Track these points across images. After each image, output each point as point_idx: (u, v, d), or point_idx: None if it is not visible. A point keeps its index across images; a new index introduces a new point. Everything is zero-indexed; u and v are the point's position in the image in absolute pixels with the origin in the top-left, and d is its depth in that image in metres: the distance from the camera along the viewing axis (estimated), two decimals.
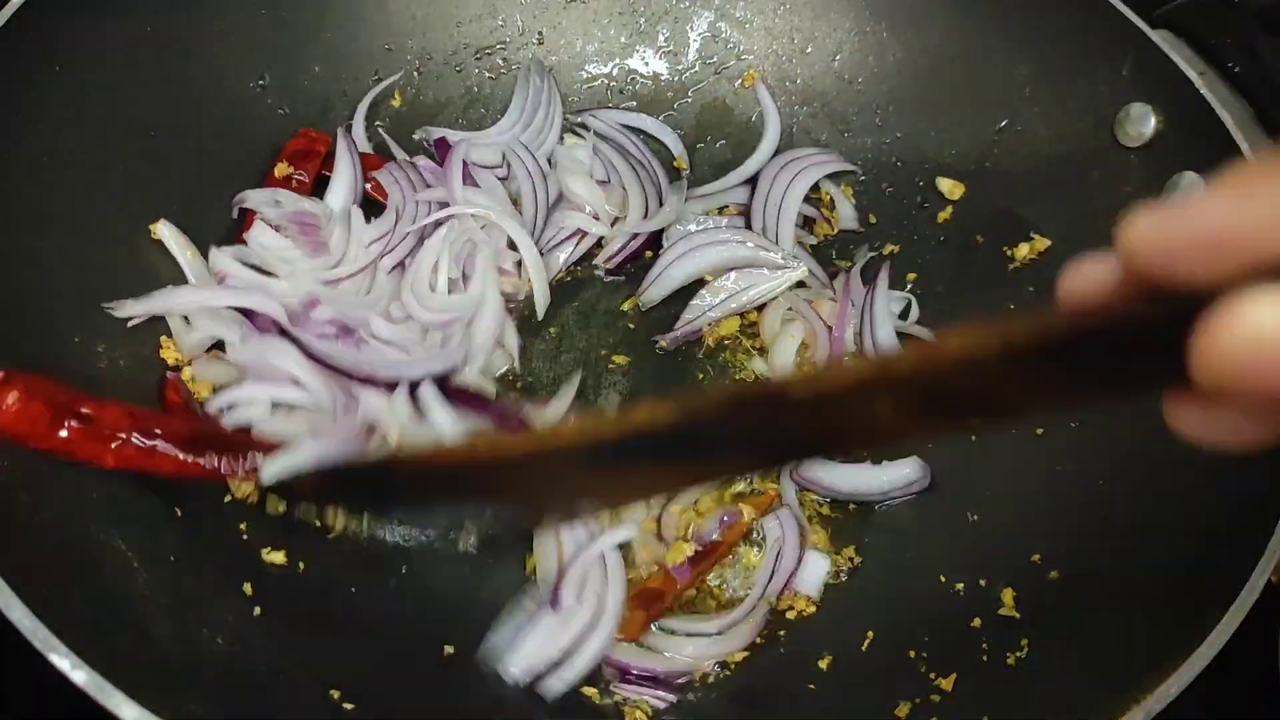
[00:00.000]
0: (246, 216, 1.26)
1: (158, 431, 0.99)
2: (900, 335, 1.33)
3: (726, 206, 1.44)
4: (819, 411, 0.57)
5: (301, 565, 1.10)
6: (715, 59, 1.53)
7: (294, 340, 1.11)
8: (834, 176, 1.46)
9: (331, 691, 0.98)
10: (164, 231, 1.18)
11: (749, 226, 1.40)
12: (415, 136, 1.41)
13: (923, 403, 0.53)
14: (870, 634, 1.13)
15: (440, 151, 1.37)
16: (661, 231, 1.39)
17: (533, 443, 0.77)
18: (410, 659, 1.07)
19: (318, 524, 1.09)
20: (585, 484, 0.77)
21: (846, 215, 1.44)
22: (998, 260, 1.34)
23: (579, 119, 1.48)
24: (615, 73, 1.52)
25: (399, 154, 1.39)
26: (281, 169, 1.30)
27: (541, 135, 1.44)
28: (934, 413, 0.54)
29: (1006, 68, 1.36)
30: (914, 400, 0.53)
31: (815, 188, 1.44)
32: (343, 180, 1.31)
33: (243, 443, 1.05)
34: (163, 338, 1.16)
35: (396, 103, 1.43)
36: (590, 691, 1.07)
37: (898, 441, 0.91)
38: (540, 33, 1.50)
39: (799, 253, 1.39)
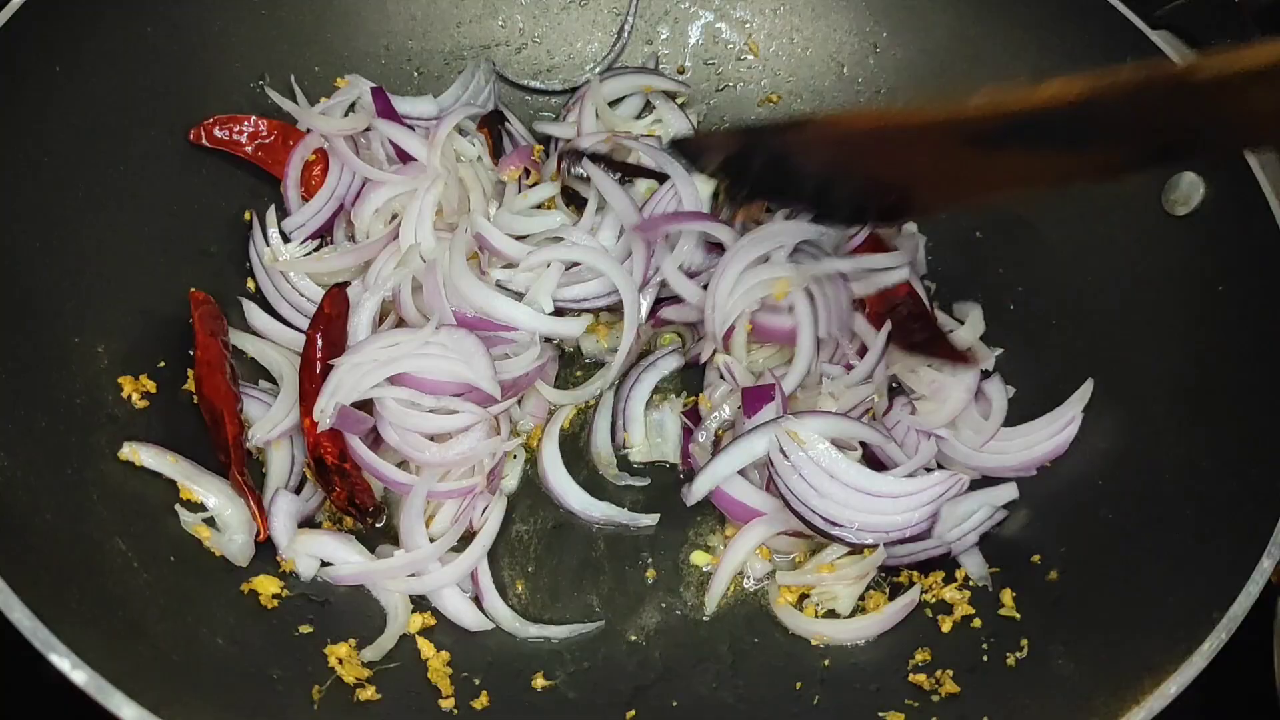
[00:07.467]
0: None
1: None
2: None
3: None
4: (1221, 98, 0.61)
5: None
6: (715, 59, 1.53)
7: None
8: None
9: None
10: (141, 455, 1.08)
11: None
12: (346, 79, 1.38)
13: None
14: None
15: (378, 101, 1.34)
16: None
17: (931, 113, 0.82)
18: None
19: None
20: (960, 166, 0.83)
21: None
22: (996, 256, 1.35)
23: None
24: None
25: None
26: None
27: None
28: None
29: (1006, 68, 1.36)
30: None
31: None
32: None
33: None
34: None
35: None
36: None
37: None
38: (540, 33, 1.50)
39: None
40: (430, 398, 1.12)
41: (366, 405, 1.12)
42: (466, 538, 1.14)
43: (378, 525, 1.15)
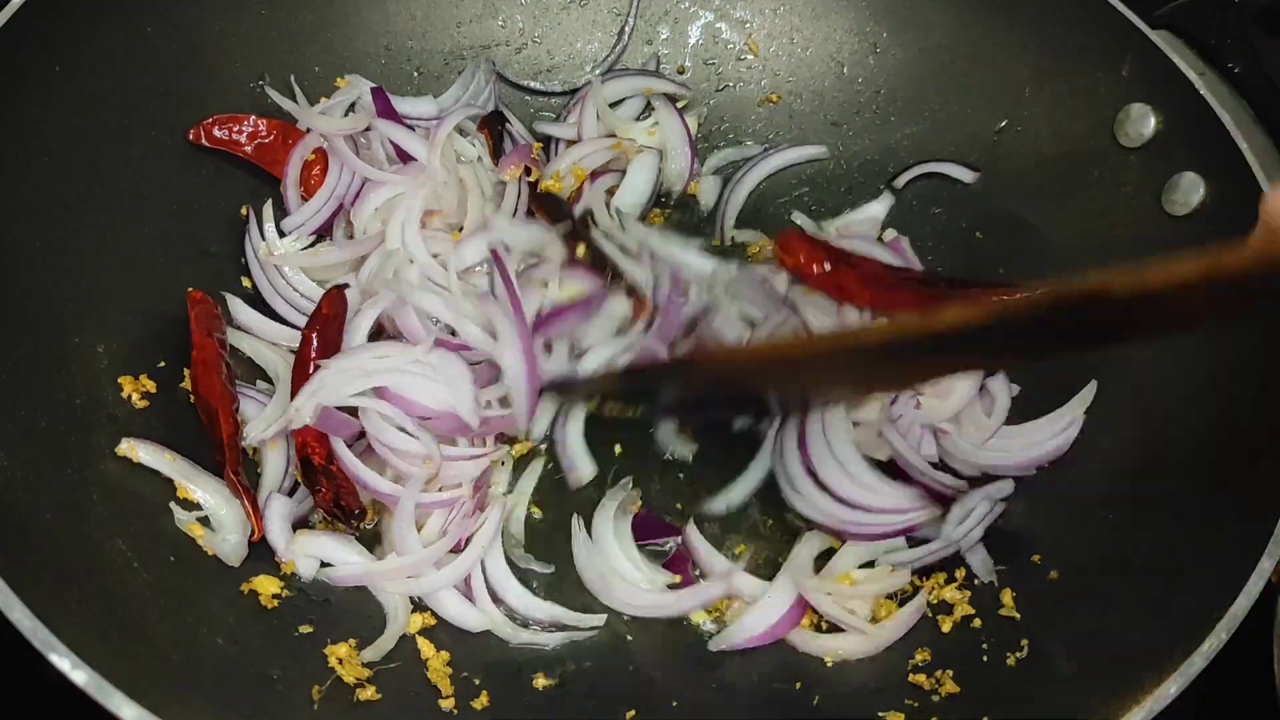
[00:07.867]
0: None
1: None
2: None
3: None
4: (1133, 307, 0.63)
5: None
6: (715, 59, 1.53)
7: None
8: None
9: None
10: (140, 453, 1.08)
11: None
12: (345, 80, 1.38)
13: (1225, 301, 0.64)
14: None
15: (378, 101, 1.34)
16: None
17: (842, 338, 0.90)
18: None
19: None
20: (870, 373, 0.89)
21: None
22: (996, 256, 1.35)
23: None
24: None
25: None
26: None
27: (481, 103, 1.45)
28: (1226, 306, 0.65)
29: (1006, 68, 1.36)
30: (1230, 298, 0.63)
31: None
32: None
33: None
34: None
35: None
36: None
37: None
38: (540, 33, 1.50)
39: None
40: (409, 417, 1.12)
41: (353, 412, 1.12)
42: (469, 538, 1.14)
43: (364, 527, 1.14)
